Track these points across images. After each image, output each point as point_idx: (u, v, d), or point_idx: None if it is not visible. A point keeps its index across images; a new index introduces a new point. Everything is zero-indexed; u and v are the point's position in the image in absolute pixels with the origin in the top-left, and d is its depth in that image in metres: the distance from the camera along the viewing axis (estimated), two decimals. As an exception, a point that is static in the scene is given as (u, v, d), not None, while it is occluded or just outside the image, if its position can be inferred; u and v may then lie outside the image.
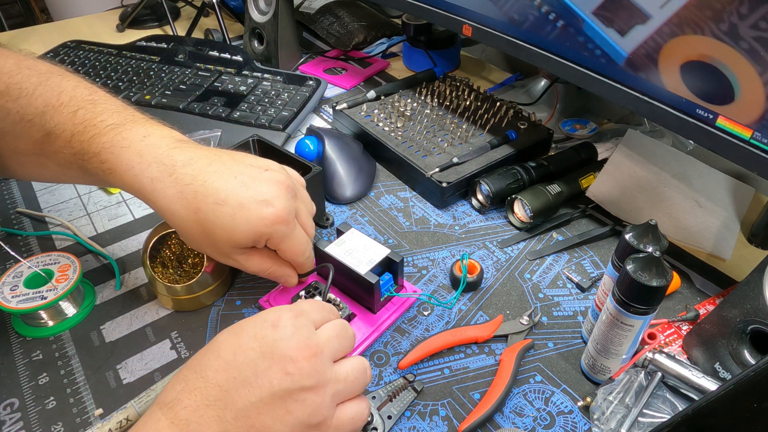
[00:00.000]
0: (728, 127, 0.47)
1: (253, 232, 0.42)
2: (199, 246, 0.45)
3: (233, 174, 0.43)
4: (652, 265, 0.39)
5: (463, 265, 0.55)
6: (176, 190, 0.41)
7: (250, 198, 0.42)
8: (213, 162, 0.43)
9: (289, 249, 0.45)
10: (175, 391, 0.33)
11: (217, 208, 0.41)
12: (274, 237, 0.43)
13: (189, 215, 0.41)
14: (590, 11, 0.54)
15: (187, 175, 0.42)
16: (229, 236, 0.42)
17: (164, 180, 0.41)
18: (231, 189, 0.42)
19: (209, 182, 0.42)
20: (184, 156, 0.43)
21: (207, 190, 0.41)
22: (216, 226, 0.42)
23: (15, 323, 0.52)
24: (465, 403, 0.46)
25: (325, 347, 0.35)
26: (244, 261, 0.45)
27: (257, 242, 0.44)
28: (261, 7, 0.93)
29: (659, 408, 0.43)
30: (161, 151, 0.42)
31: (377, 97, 0.81)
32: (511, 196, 0.62)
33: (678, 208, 0.61)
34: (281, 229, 0.43)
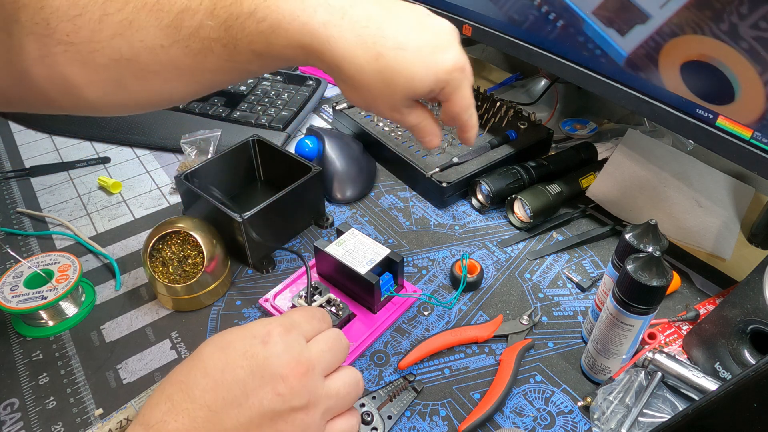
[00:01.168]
0: (728, 127, 0.47)
1: (433, 78, 0.39)
2: (371, 98, 0.40)
3: (404, 14, 0.39)
4: (652, 265, 0.39)
5: (463, 265, 0.55)
6: (355, 34, 0.37)
7: (427, 43, 0.39)
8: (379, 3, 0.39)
9: (460, 100, 0.41)
10: (160, 411, 0.31)
11: (398, 53, 0.37)
12: (450, 84, 0.40)
13: (370, 62, 0.37)
14: (590, 11, 0.54)
15: (361, 17, 0.37)
16: (409, 84, 0.39)
17: (338, 23, 0.37)
18: (408, 32, 0.38)
19: (385, 25, 0.38)
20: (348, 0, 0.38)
21: (385, 33, 0.37)
22: (397, 72, 0.38)
23: (15, 323, 0.52)
24: (465, 403, 0.46)
25: (316, 363, 0.34)
26: (408, 114, 0.42)
27: (433, 90, 0.40)
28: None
29: (659, 408, 0.43)
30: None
31: (377, 97, 0.80)
32: (511, 196, 0.62)
33: (678, 208, 0.61)
34: (458, 77, 0.40)
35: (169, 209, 0.67)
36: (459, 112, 0.43)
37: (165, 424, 0.30)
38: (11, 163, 0.74)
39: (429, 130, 0.45)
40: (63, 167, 0.74)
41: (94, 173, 0.73)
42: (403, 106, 0.41)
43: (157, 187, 0.71)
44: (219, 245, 0.53)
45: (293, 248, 0.60)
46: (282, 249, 0.60)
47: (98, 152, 0.77)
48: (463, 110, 0.43)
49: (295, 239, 0.62)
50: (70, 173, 0.73)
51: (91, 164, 0.74)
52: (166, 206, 0.67)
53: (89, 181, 0.71)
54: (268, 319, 0.35)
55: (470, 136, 0.46)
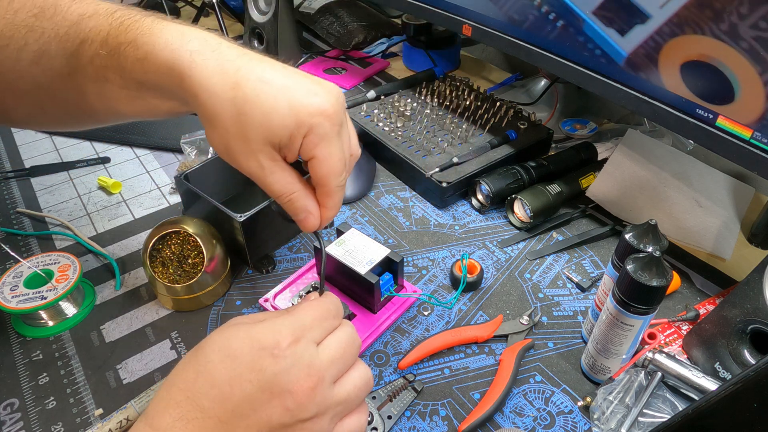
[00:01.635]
0: (728, 127, 0.47)
1: (293, 119, 0.35)
2: (226, 137, 0.37)
3: (280, 64, 0.38)
4: (652, 265, 0.39)
5: (463, 265, 0.55)
6: (217, 63, 0.36)
7: (298, 84, 0.36)
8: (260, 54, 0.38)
9: (327, 158, 0.37)
10: (170, 417, 0.31)
11: (259, 85, 0.35)
12: (313, 133, 0.36)
13: (225, 91, 0.35)
14: (590, 11, 0.54)
15: (232, 54, 0.37)
16: (264, 120, 0.35)
17: (205, 53, 0.36)
18: (278, 71, 0.37)
19: (254, 62, 0.36)
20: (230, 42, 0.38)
21: (251, 67, 0.36)
22: (254, 106, 0.35)
23: (15, 323, 0.52)
24: (465, 403, 0.46)
25: (326, 373, 0.33)
26: (270, 171, 0.37)
27: (293, 137, 0.36)
28: (261, 7, 0.93)
29: (659, 408, 0.43)
30: (205, 33, 0.38)
31: (377, 97, 0.81)
32: (511, 196, 0.62)
33: (678, 208, 0.61)
34: (324, 125, 0.36)
35: (169, 209, 0.67)
36: (326, 175, 0.38)
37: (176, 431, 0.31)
38: (11, 163, 0.74)
39: (299, 205, 0.39)
40: (63, 167, 0.74)
41: (94, 173, 0.73)
42: (262, 156, 0.37)
43: (157, 187, 0.71)
44: (219, 245, 0.53)
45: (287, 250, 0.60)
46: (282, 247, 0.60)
47: (98, 152, 0.77)
48: (330, 174, 0.38)
49: (295, 239, 0.62)
50: (70, 173, 0.73)
51: (91, 164, 0.74)
52: (166, 206, 0.67)
53: (89, 181, 0.71)
54: (277, 322, 0.34)
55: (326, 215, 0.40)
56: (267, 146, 0.36)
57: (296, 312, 0.36)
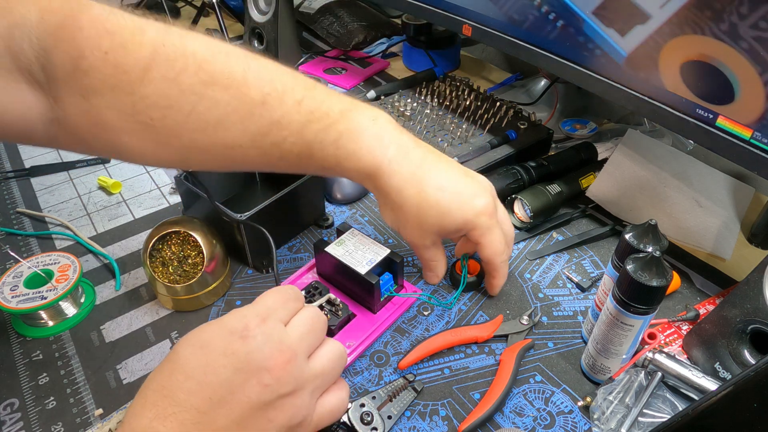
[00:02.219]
0: (728, 127, 0.47)
1: (462, 219, 0.45)
2: (402, 225, 0.46)
3: (449, 165, 0.47)
4: (652, 265, 0.39)
5: (463, 265, 0.55)
6: (409, 170, 0.44)
7: (464, 189, 0.46)
8: (432, 150, 0.47)
9: (490, 244, 0.47)
10: (146, 418, 0.31)
11: (437, 192, 0.44)
12: (478, 228, 0.46)
13: (412, 195, 0.44)
14: (590, 11, 0.54)
15: (417, 157, 0.45)
16: (440, 220, 0.45)
17: (401, 161, 0.44)
18: (450, 177, 0.45)
19: (433, 167, 0.45)
20: (409, 137, 0.46)
21: (431, 174, 0.45)
22: (432, 207, 0.44)
23: (15, 323, 0.52)
24: (465, 403, 0.46)
25: (298, 348, 0.34)
26: (429, 248, 0.48)
27: (461, 230, 0.46)
28: (261, 7, 0.93)
29: (659, 408, 0.43)
30: (394, 133, 0.45)
31: (377, 97, 0.81)
32: (511, 196, 0.62)
33: (678, 208, 0.61)
34: (485, 221, 0.46)
35: (169, 209, 0.67)
36: (491, 256, 0.48)
37: (153, 431, 0.30)
38: (11, 163, 0.74)
39: (436, 268, 0.50)
40: (63, 167, 0.74)
41: (94, 173, 0.73)
42: (429, 240, 0.47)
43: (157, 187, 0.71)
44: (219, 245, 0.53)
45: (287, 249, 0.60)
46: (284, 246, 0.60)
47: (98, 152, 0.77)
48: (495, 255, 0.48)
49: (295, 239, 0.62)
50: (70, 173, 0.73)
51: (91, 164, 0.74)
52: (166, 206, 0.68)
53: (89, 181, 0.71)
54: (242, 309, 0.35)
55: (496, 284, 0.51)
56: (436, 235, 0.47)
57: (259, 300, 0.37)
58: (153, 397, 0.32)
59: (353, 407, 0.43)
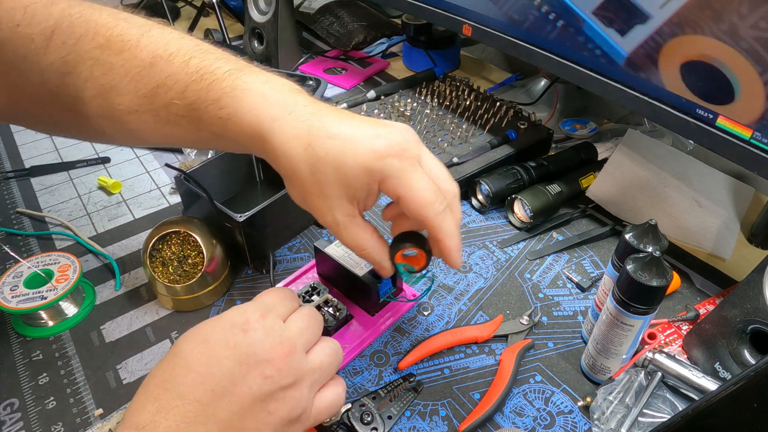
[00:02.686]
0: (728, 127, 0.47)
1: (362, 167, 0.36)
2: (303, 193, 0.39)
3: (350, 116, 0.39)
4: (652, 265, 0.39)
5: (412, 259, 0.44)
6: (292, 128, 0.38)
7: (362, 132, 0.37)
8: (333, 107, 0.40)
9: (410, 191, 0.37)
10: (148, 412, 0.31)
11: (327, 141, 0.37)
12: (388, 175, 0.36)
13: (300, 152, 0.37)
14: (590, 11, 0.54)
15: (306, 113, 0.38)
16: (337, 175, 0.37)
17: (284, 118, 0.38)
18: (345, 124, 0.38)
19: (325, 118, 0.38)
20: (305, 97, 0.40)
21: (321, 125, 0.37)
22: (325, 162, 0.37)
23: (15, 323, 0.52)
24: (465, 403, 0.46)
25: (297, 341, 0.35)
26: (344, 226, 0.39)
27: (368, 185, 0.37)
28: (261, 7, 0.93)
29: (659, 408, 0.43)
30: (283, 93, 0.39)
31: (377, 97, 0.81)
32: (511, 196, 0.62)
33: (678, 208, 0.61)
34: (394, 164, 0.36)
35: (169, 209, 0.67)
36: (417, 207, 0.37)
37: (156, 425, 0.30)
38: (11, 163, 0.74)
39: (374, 260, 0.41)
40: (63, 167, 0.74)
41: (94, 173, 0.73)
42: (338, 211, 0.38)
43: (157, 187, 0.71)
44: (219, 245, 0.53)
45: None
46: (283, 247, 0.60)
47: (98, 152, 0.77)
48: (422, 205, 0.37)
49: (295, 239, 0.62)
50: (70, 173, 0.73)
51: (91, 164, 0.74)
52: (166, 206, 0.67)
53: (89, 181, 0.71)
54: (242, 306, 0.36)
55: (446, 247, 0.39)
56: (343, 201, 0.38)
57: (257, 298, 0.38)
58: (155, 392, 0.32)
59: (353, 407, 0.43)
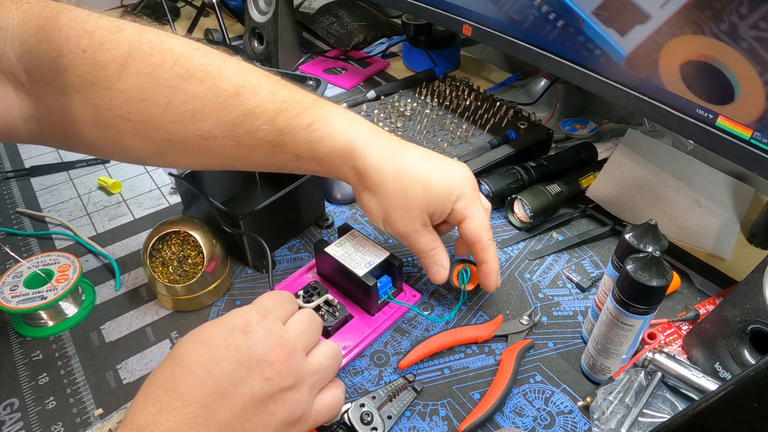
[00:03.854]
0: (728, 127, 0.47)
1: (446, 187, 0.45)
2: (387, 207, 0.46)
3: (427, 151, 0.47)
4: (652, 265, 0.39)
5: (463, 276, 0.52)
6: (385, 148, 0.45)
7: (443, 162, 0.47)
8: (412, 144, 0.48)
9: (476, 216, 0.46)
10: (149, 413, 0.31)
11: (417, 164, 0.45)
12: (462, 197, 0.46)
13: (391, 170, 0.44)
14: (590, 11, 0.54)
15: (392, 139, 0.46)
16: (423, 192, 0.45)
17: (374, 140, 0.45)
18: (427, 154, 0.47)
19: (409, 148, 0.46)
20: (380, 129, 0.47)
21: (409, 152, 0.46)
22: (414, 180, 0.44)
23: (15, 323, 0.52)
24: (465, 403, 0.46)
25: (297, 343, 0.36)
26: (420, 233, 0.47)
27: (446, 203, 0.46)
28: (261, 7, 0.93)
29: (659, 408, 0.43)
30: (366, 123, 0.46)
31: (377, 97, 0.81)
32: (511, 196, 0.62)
33: (678, 208, 0.61)
34: (469, 190, 0.46)
35: (169, 209, 0.67)
36: (478, 229, 0.46)
37: (157, 426, 0.30)
38: (11, 163, 0.74)
39: (438, 259, 0.48)
40: (63, 167, 0.74)
41: (94, 173, 0.73)
42: (417, 222, 0.46)
43: (157, 187, 0.71)
44: (219, 245, 0.53)
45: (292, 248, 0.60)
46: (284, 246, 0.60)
47: (98, 152, 0.77)
48: (482, 228, 0.46)
49: (295, 239, 0.62)
50: (70, 173, 0.73)
51: (91, 164, 0.74)
52: (166, 206, 0.67)
53: (89, 181, 0.71)
54: (242, 308, 0.36)
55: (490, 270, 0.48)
56: (424, 213, 0.46)
57: (256, 301, 0.38)
58: (156, 393, 0.32)
59: (353, 407, 0.43)
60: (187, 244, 0.53)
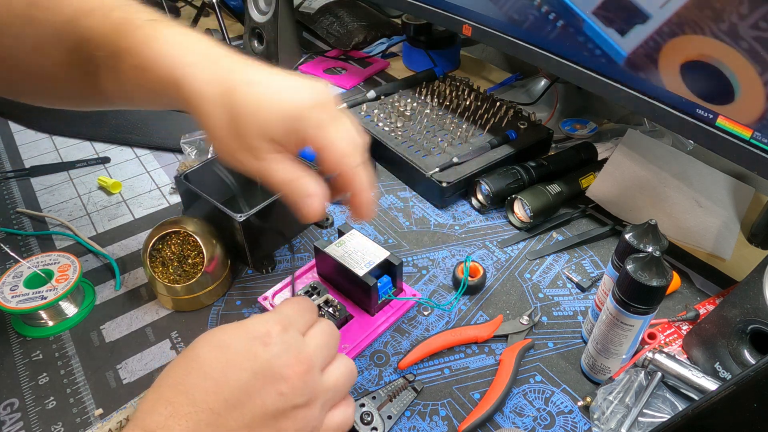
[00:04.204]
0: (728, 127, 0.47)
1: (282, 113, 0.37)
2: (224, 137, 0.38)
3: (272, 70, 0.39)
4: (652, 265, 0.38)
5: (465, 267, 0.54)
6: (210, 72, 0.38)
7: (283, 82, 0.38)
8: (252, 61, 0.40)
9: (333, 142, 0.37)
10: (162, 416, 0.30)
11: (246, 87, 0.37)
12: (309, 125, 0.37)
13: (217, 97, 0.37)
14: (590, 11, 0.54)
15: (225, 61, 0.39)
16: (256, 117, 0.37)
17: (200, 64, 0.38)
18: (265, 73, 0.38)
19: (245, 67, 0.38)
20: (226, 50, 0.40)
21: (241, 71, 0.38)
22: (244, 105, 0.37)
23: (15, 323, 0.52)
24: (465, 403, 0.46)
25: (315, 359, 0.35)
26: (271, 162, 0.38)
27: (288, 129, 0.37)
28: (261, 7, 0.93)
29: (659, 408, 0.43)
30: (202, 43, 0.40)
31: (377, 96, 0.81)
32: (511, 196, 0.62)
33: (678, 208, 0.61)
34: (316, 115, 0.37)
35: (169, 209, 0.67)
36: (338, 157, 0.38)
37: (168, 429, 0.30)
38: (11, 163, 0.74)
39: (304, 189, 0.38)
40: (63, 167, 0.74)
41: (94, 173, 0.73)
42: (260, 151, 0.37)
43: (157, 187, 0.71)
44: (219, 245, 0.53)
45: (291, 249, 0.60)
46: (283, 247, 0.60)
47: (98, 152, 0.77)
48: (343, 155, 0.37)
49: (295, 239, 0.62)
50: (70, 173, 0.73)
51: (91, 164, 0.74)
52: (166, 206, 0.67)
53: (89, 181, 0.71)
54: (263, 316, 0.35)
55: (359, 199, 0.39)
56: (264, 142, 0.37)
57: (278, 308, 0.37)
58: (168, 393, 0.32)
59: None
60: (187, 244, 0.53)
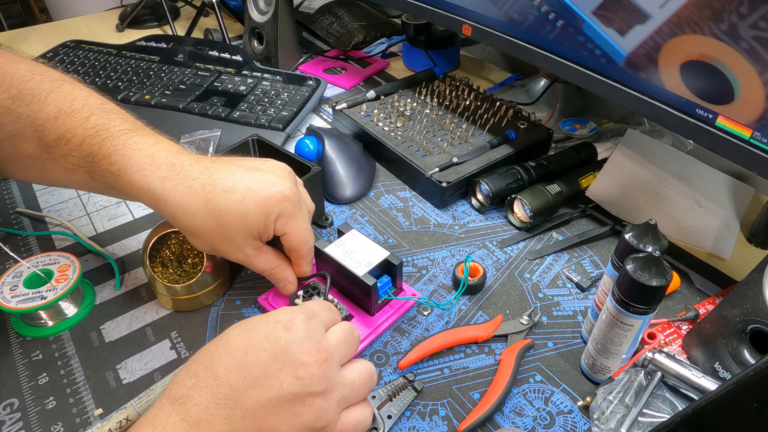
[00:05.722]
0: (728, 127, 0.47)
1: (263, 213, 0.43)
2: (212, 242, 0.45)
3: (236, 165, 0.45)
4: (652, 264, 0.39)
5: (465, 267, 0.55)
6: (185, 186, 0.42)
7: (256, 181, 0.43)
8: (216, 161, 0.45)
9: (296, 231, 0.46)
10: (186, 386, 0.33)
11: (226, 195, 0.42)
12: (282, 215, 0.44)
13: (200, 208, 0.42)
14: (590, 11, 0.54)
15: (195, 171, 0.43)
16: (241, 221, 0.43)
17: (173, 178, 0.42)
18: (237, 176, 0.43)
19: (216, 174, 0.43)
20: (191, 157, 0.44)
21: (215, 180, 0.43)
22: (227, 213, 0.42)
23: (15, 323, 0.52)
24: (465, 402, 0.46)
25: (334, 352, 0.36)
26: (254, 257, 0.46)
27: (267, 225, 0.44)
28: (261, 6, 0.93)
29: (659, 408, 0.43)
30: (171, 154, 0.44)
31: (377, 96, 0.81)
32: (510, 196, 0.62)
33: (678, 208, 0.61)
34: (288, 207, 0.44)
35: (169, 209, 0.67)
36: (297, 243, 0.46)
37: (189, 399, 0.33)
38: (11, 163, 0.74)
39: (280, 276, 0.48)
40: (63, 167, 0.73)
41: (94, 173, 0.73)
42: (247, 247, 0.45)
43: (157, 187, 0.71)
44: (219, 245, 0.53)
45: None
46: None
47: (98, 152, 0.77)
48: (301, 242, 0.47)
49: (294, 239, 0.62)
50: (69, 173, 0.73)
51: (91, 164, 0.74)
52: (165, 206, 0.67)
53: (89, 181, 0.71)
54: (291, 307, 0.38)
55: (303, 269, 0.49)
56: (248, 239, 0.45)
57: (305, 304, 0.39)
58: (195, 368, 0.34)
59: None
60: (186, 244, 0.53)
